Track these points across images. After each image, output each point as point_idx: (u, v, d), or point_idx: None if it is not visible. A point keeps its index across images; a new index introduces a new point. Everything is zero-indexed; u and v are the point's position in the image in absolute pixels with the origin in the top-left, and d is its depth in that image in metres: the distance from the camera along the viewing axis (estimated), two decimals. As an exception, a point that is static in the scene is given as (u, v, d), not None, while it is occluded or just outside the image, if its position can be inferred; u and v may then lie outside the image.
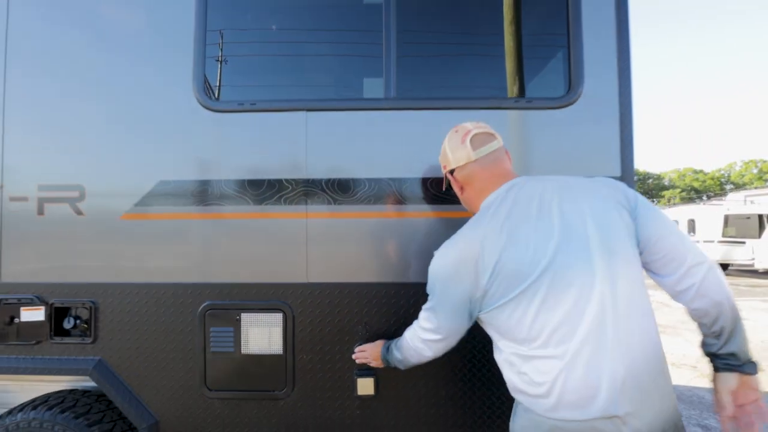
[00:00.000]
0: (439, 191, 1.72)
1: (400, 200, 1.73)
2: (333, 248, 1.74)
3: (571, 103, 1.75)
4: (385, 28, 1.75)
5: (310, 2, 1.82)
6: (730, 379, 1.12)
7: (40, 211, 1.79)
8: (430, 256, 1.28)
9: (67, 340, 1.77)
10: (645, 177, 52.34)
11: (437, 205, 1.73)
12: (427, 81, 1.84)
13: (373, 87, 1.78)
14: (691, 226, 13.59)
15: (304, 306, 1.73)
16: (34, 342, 1.77)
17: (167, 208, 1.76)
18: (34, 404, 1.75)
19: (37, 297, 1.77)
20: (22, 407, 1.75)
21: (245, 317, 1.73)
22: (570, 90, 1.76)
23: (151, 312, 1.76)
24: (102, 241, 1.77)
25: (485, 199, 1.24)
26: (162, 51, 1.78)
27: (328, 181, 1.74)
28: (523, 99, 1.76)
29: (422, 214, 1.73)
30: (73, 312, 1.78)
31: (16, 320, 1.75)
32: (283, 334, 1.72)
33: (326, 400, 1.73)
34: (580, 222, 1.10)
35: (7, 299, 1.77)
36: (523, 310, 1.08)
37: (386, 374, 1.70)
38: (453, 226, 1.69)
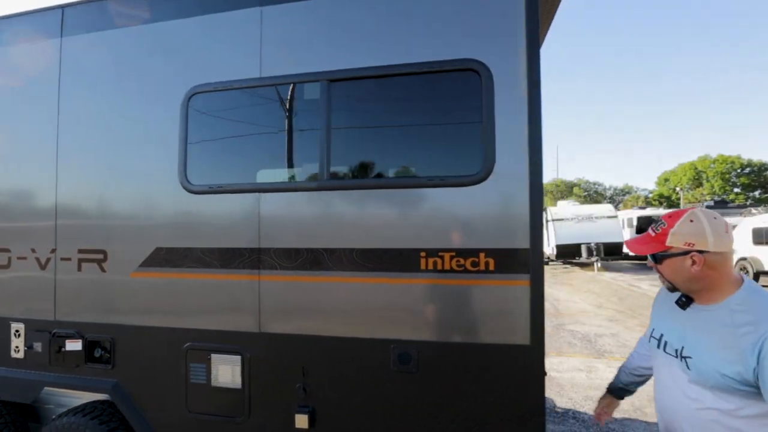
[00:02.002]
0: (363, 259, 2.01)
1: (331, 267, 2.05)
2: (279, 305, 2.12)
3: (482, 180, 1.93)
4: (321, 119, 2.08)
5: (263, 104, 2.22)
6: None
7: (79, 269, 2.41)
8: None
9: (96, 365, 2.37)
10: (761, 168, 45.16)
11: (360, 271, 2.01)
12: (354, 166, 2.13)
13: (311, 171, 2.12)
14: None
15: (257, 351, 2.14)
16: (75, 365, 2.40)
17: (161, 269, 2.28)
18: (76, 411, 2.38)
19: (77, 332, 2.40)
20: (68, 412, 2.39)
21: (214, 357, 2.18)
22: (482, 168, 1.93)
23: (151, 347, 2.29)
24: (118, 292, 2.34)
25: (748, 288, 1.34)
26: (158, 150, 2.30)
27: (275, 250, 2.12)
28: (437, 177, 1.97)
29: (348, 279, 2.03)
30: (100, 344, 2.37)
31: (63, 349, 2.39)
32: (241, 372, 2.14)
33: (273, 429, 2.11)
34: None
35: (59, 333, 2.42)
36: None
37: (322, 410, 2.05)
38: (375, 290, 1.99)
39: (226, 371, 2.17)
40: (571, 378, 5.20)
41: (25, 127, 2.55)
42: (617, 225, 19.06)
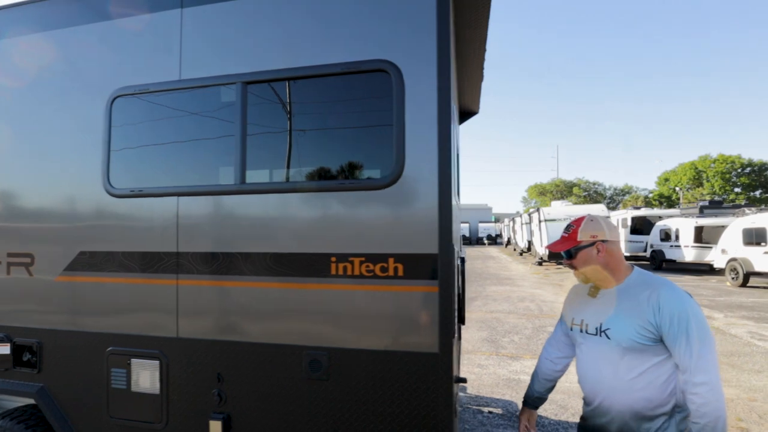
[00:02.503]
0: (276, 264, 1.99)
1: (246, 271, 2.03)
2: (197, 309, 2.11)
3: (391, 184, 1.91)
4: (236, 122, 2.07)
5: (182, 107, 2.20)
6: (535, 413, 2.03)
7: (8, 272, 2.41)
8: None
9: (24, 369, 2.37)
10: (761, 168, 44.75)
11: (274, 276, 2.00)
12: (268, 169, 2.12)
13: (227, 174, 2.10)
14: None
15: (175, 356, 2.13)
16: (3, 369, 2.40)
17: (85, 273, 2.27)
18: (4, 414, 2.38)
19: (6, 336, 2.40)
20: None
21: (134, 362, 2.17)
22: (392, 172, 1.91)
23: (75, 352, 2.28)
24: (44, 296, 2.34)
25: (638, 271, 1.79)
26: (82, 153, 2.30)
27: (192, 254, 2.11)
28: (347, 181, 1.96)
29: (263, 284, 2.02)
30: (28, 348, 2.37)
31: (-9, 353, 2.40)
32: (159, 377, 2.13)
33: (191, 435, 2.10)
34: None
35: (-12, 337, 2.42)
36: None
37: (237, 417, 2.04)
38: (288, 295, 1.98)
39: (145, 376, 2.16)
40: (541, 380, 5.14)
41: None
42: (612, 224, 18.91)
